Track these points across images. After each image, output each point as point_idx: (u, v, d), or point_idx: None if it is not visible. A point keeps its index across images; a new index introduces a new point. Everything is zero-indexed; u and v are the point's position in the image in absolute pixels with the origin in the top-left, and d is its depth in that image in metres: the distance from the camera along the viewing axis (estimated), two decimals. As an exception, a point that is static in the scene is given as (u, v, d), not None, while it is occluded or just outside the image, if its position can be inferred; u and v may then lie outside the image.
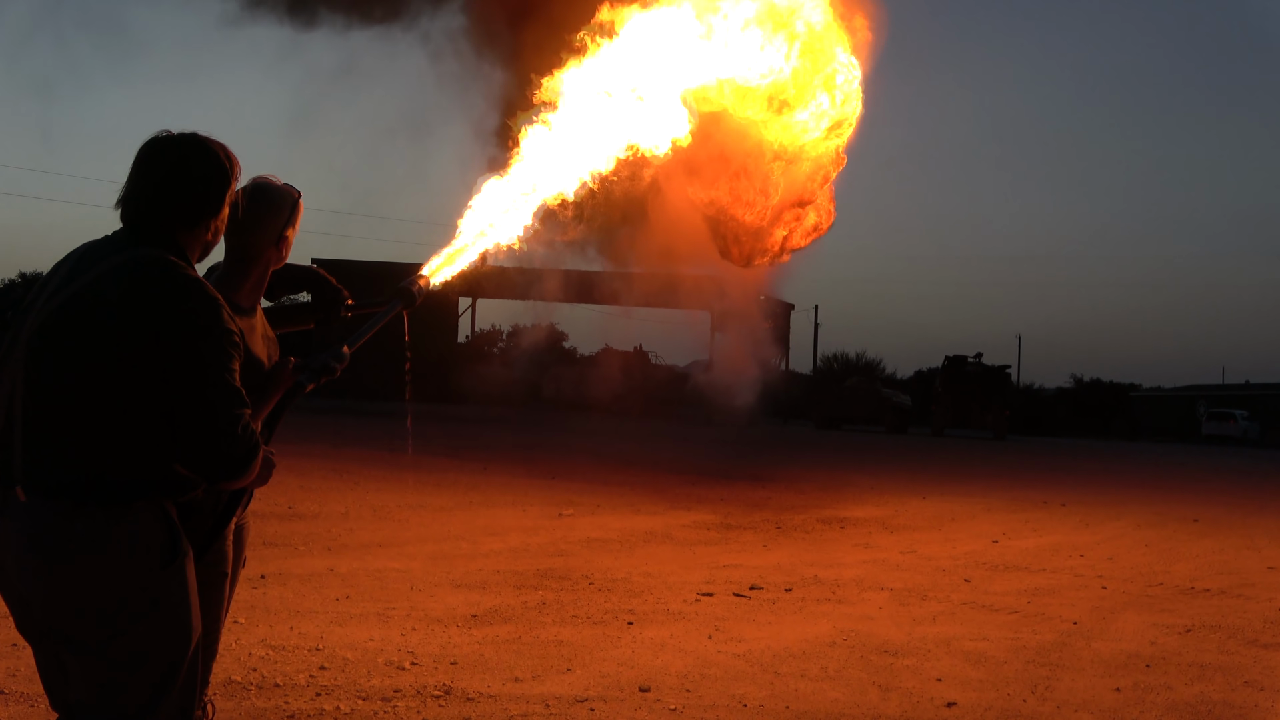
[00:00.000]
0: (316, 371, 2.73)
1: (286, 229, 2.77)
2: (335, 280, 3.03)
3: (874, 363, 60.72)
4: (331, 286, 3.02)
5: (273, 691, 4.14)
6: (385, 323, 3.05)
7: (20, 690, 3.93)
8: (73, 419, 2.18)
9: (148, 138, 2.35)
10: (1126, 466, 23.68)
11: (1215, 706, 4.70)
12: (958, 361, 38.17)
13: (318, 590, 5.85)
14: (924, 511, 11.67)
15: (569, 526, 8.92)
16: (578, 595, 6.20)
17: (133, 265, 2.23)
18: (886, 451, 23.97)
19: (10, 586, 2.24)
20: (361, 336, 2.91)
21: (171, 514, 2.29)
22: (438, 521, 8.68)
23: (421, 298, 3.16)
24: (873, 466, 18.41)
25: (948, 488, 14.74)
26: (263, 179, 2.80)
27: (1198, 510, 13.38)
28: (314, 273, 3.04)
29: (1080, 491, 15.33)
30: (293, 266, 3.00)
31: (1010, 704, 4.55)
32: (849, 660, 5.09)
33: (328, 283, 3.02)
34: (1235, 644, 5.89)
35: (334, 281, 3.03)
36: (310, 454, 12.51)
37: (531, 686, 4.39)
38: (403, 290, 3.13)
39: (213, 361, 2.22)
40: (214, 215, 2.38)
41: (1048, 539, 9.96)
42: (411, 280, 3.20)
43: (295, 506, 8.70)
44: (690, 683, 4.58)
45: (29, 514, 2.18)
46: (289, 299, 3.05)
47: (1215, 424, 47.34)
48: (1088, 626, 6.14)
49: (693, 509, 10.67)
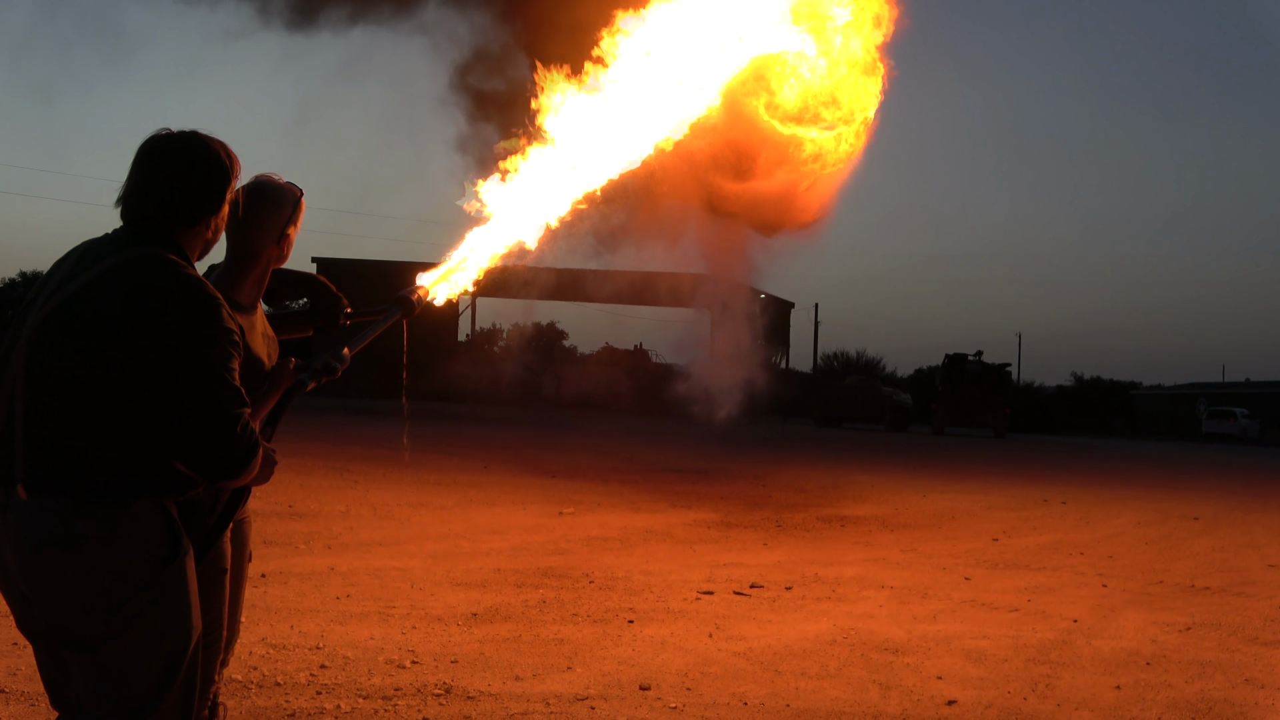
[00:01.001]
0: (318, 371, 2.74)
1: (288, 227, 2.77)
2: (335, 287, 3.04)
3: (874, 361, 60.82)
4: (331, 293, 3.03)
5: (273, 690, 4.14)
6: (385, 329, 3.06)
7: (21, 689, 3.93)
8: (74, 417, 2.18)
9: (147, 135, 2.36)
10: (1127, 464, 23.69)
11: (1216, 704, 4.70)
12: (958, 360, 38.19)
13: (318, 589, 5.86)
14: (924, 510, 11.67)
15: (569, 525, 8.92)
16: (578, 594, 6.20)
17: (133, 264, 2.23)
18: (887, 450, 23.98)
19: (11, 584, 2.24)
20: (362, 340, 2.93)
21: (172, 512, 2.29)
22: (438, 520, 8.69)
23: (420, 307, 3.18)
24: (873, 465, 18.41)
25: (948, 486, 14.74)
26: (265, 177, 2.80)
27: (1198, 508, 13.38)
28: (314, 279, 3.06)
29: (1080, 489, 15.33)
30: (293, 271, 3.02)
31: (1011, 702, 4.55)
32: (849, 658, 5.09)
33: (327, 289, 3.03)
34: (1236, 642, 5.89)
35: (334, 289, 3.04)
36: (310, 453, 12.51)
37: (532, 685, 4.39)
38: (402, 299, 3.14)
39: (213, 361, 2.22)
40: (214, 213, 2.38)
41: (1048, 537, 9.96)
42: (411, 289, 3.21)
43: (295, 505, 8.70)
44: (691, 681, 4.58)
45: (30, 512, 2.18)
46: (289, 304, 3.05)
47: (1215, 422, 47.35)
48: (1088, 624, 6.14)
49: (693, 507, 10.68)
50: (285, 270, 2.99)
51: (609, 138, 3.86)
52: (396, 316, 3.10)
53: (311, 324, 3.05)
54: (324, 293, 3.03)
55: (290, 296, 3.03)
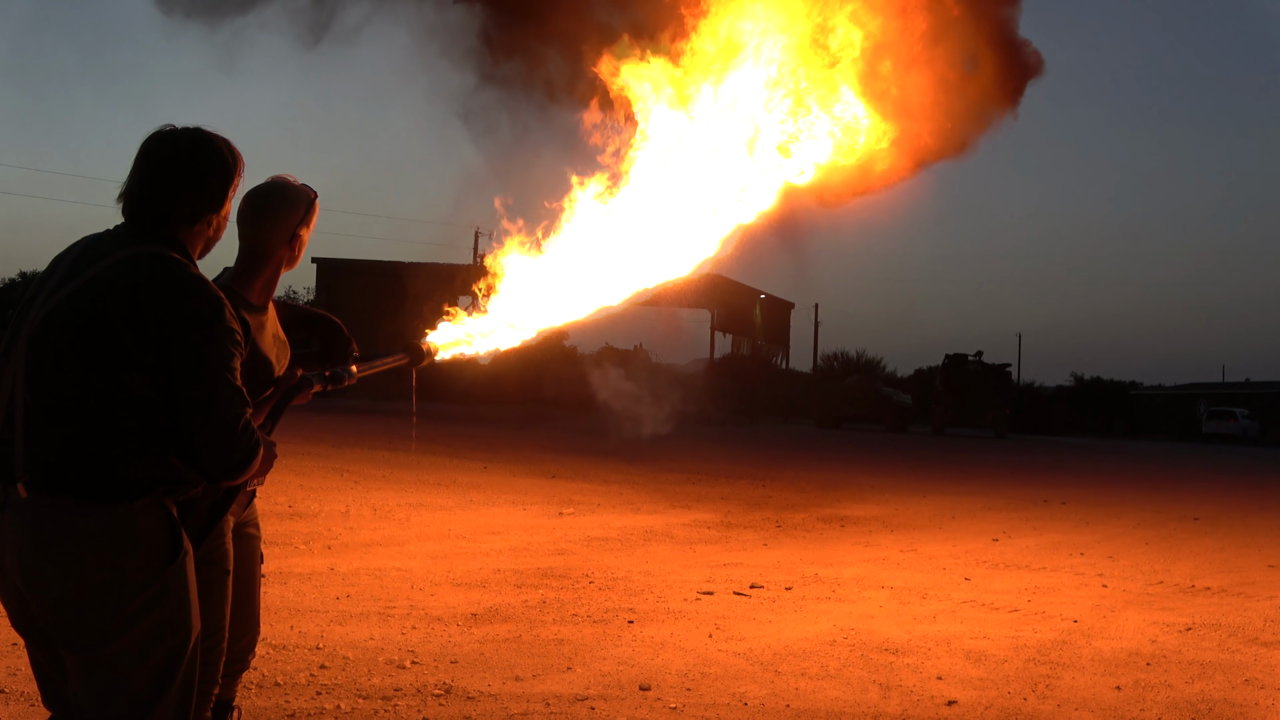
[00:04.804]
0: (327, 379, 2.85)
1: (300, 228, 2.78)
2: (346, 329, 3.11)
3: (874, 361, 60.71)
4: (342, 336, 3.09)
5: (273, 690, 4.14)
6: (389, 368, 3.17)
7: (20, 689, 3.94)
8: (75, 415, 2.18)
9: (151, 132, 2.35)
10: (1126, 465, 23.68)
11: (1215, 705, 4.69)
12: (958, 360, 38.18)
13: (318, 589, 5.85)
14: (924, 510, 11.67)
15: (569, 525, 8.92)
16: (578, 594, 6.20)
17: (134, 262, 2.22)
18: (887, 450, 23.97)
19: (8, 582, 2.23)
20: (370, 368, 3.04)
21: (172, 511, 2.29)
22: (438, 520, 8.68)
23: (427, 360, 3.28)
24: (873, 465, 18.41)
25: (948, 486, 14.74)
26: (279, 178, 2.82)
27: (1198, 508, 13.38)
28: (327, 320, 3.12)
29: (1080, 490, 15.33)
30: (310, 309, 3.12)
31: (1011, 702, 4.55)
32: (849, 659, 5.09)
33: (339, 331, 3.10)
34: (1236, 642, 5.89)
35: (345, 330, 3.11)
36: (310, 453, 12.51)
37: (532, 685, 4.39)
38: (411, 346, 3.25)
39: (214, 360, 2.21)
40: (215, 210, 2.37)
41: (1048, 537, 9.96)
42: (422, 340, 3.31)
43: (295, 506, 8.70)
44: (691, 681, 4.58)
45: (30, 510, 2.18)
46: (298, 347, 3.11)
47: (1215, 422, 47.33)
48: (1088, 625, 6.14)
49: (693, 508, 10.67)
50: (299, 307, 3.07)
51: (636, 256, 3.96)
52: (404, 361, 3.21)
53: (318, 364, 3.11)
54: (335, 335, 3.10)
55: (303, 330, 3.09)
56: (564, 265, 3.81)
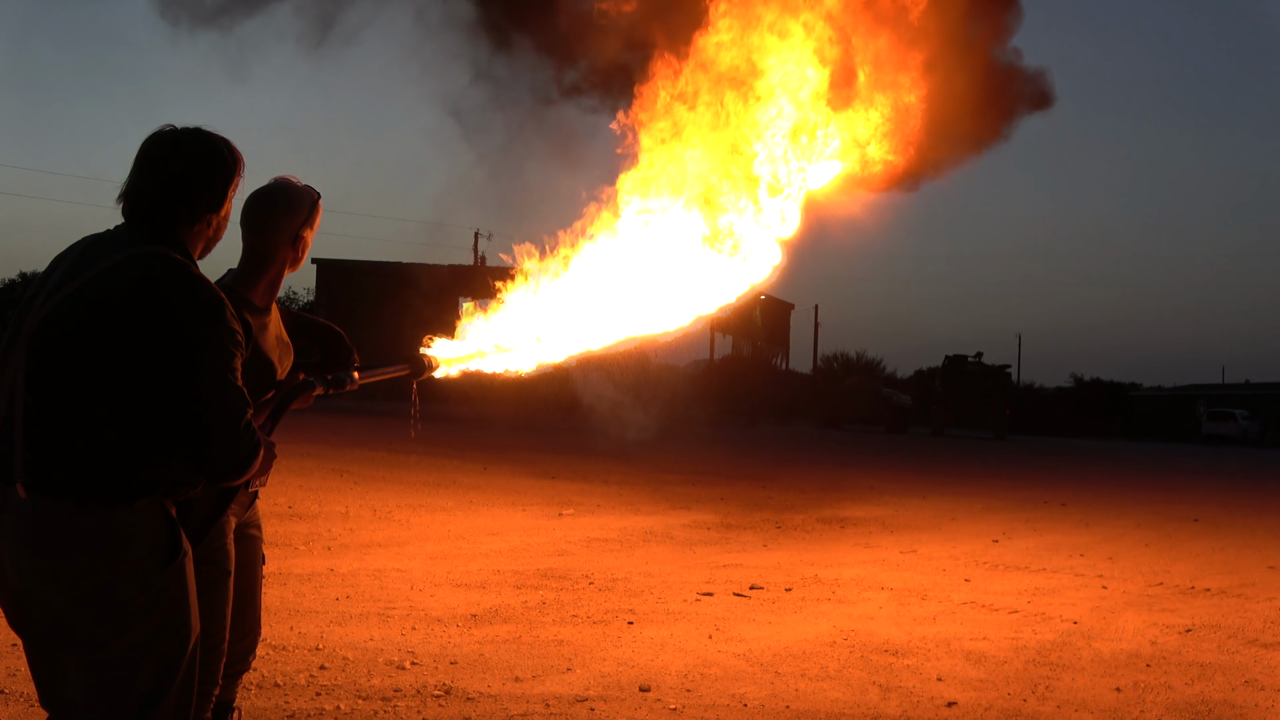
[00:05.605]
0: (330, 381, 2.87)
1: (304, 229, 2.78)
2: (349, 339, 3.14)
3: (874, 362, 60.67)
4: (345, 345, 3.12)
5: (273, 691, 4.14)
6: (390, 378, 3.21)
7: (20, 690, 3.93)
8: (75, 416, 2.17)
9: (151, 132, 2.35)
10: (1126, 466, 23.69)
11: (1215, 706, 4.69)
12: (958, 361, 38.17)
13: (318, 590, 5.85)
14: (924, 511, 11.66)
15: (569, 526, 8.91)
16: (578, 595, 6.19)
17: (135, 262, 2.22)
18: (886, 451, 23.97)
19: (7, 583, 2.23)
20: (371, 375, 3.08)
21: (172, 513, 2.29)
22: (438, 521, 8.68)
23: (428, 373, 3.31)
24: (873, 466, 18.41)
25: (948, 487, 14.74)
26: (283, 179, 2.82)
27: (1198, 509, 13.38)
28: (330, 329, 3.15)
29: (1080, 491, 15.33)
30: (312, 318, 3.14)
31: (1010, 704, 4.54)
32: (849, 660, 5.09)
33: (342, 342, 3.12)
34: (1236, 643, 5.89)
35: (348, 341, 3.13)
36: (310, 454, 12.51)
37: (531, 686, 4.39)
38: (413, 358, 3.28)
39: (215, 360, 2.21)
40: (215, 211, 2.37)
41: (1048, 538, 9.96)
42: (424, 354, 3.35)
43: (295, 506, 8.70)
44: (690, 682, 4.58)
45: (30, 511, 2.17)
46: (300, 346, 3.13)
47: (1215, 423, 47.36)
48: (1088, 626, 6.14)
49: (692, 508, 10.67)
50: (302, 316, 3.08)
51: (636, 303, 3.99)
52: (405, 372, 3.24)
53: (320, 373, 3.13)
54: (337, 345, 3.12)
55: (307, 340, 3.12)
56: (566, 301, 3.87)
